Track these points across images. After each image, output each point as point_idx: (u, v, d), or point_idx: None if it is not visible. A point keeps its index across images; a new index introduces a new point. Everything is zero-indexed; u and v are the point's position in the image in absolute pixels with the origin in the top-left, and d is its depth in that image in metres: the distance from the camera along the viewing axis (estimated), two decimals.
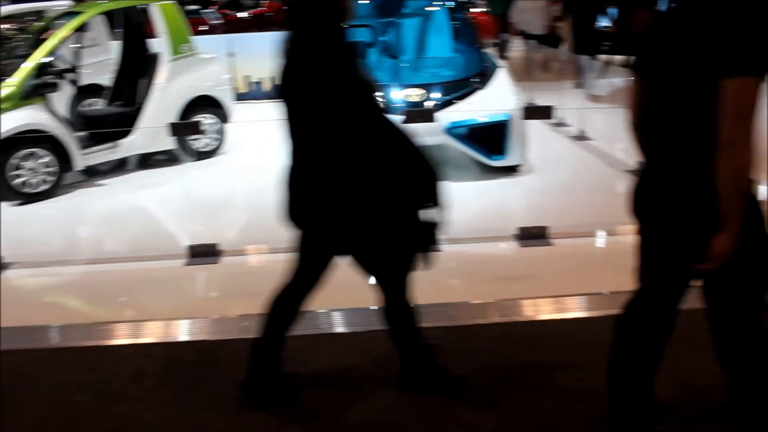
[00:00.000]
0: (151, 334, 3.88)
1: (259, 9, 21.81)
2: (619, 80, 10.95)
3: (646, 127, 2.48)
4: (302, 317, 3.11)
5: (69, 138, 6.59)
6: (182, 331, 3.91)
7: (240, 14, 21.26)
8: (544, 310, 4.04)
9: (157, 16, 7.37)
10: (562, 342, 3.64)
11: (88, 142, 6.97)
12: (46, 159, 6.42)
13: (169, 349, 3.67)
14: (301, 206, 2.82)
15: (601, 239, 5.17)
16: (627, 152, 7.34)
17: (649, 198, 2.51)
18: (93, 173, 7.27)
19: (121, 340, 3.81)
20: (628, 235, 5.26)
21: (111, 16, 8.82)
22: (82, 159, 6.72)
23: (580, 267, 4.66)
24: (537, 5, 13.04)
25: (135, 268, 4.91)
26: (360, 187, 2.68)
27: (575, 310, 4.02)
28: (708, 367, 3.27)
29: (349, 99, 2.64)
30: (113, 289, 4.60)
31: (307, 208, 2.80)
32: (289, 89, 2.74)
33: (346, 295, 4.27)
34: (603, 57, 11.53)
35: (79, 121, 7.23)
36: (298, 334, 3.74)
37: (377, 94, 2.84)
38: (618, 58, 13.42)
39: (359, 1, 8.05)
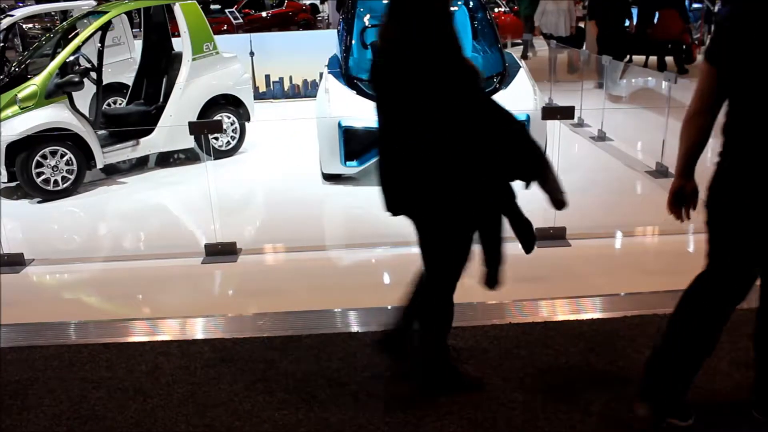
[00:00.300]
0: (168, 331, 3.92)
1: (279, 9, 21.88)
2: (639, 81, 10.86)
3: (728, 113, 2.56)
4: None
5: (91, 136, 6.67)
6: (199, 329, 3.94)
7: (262, 14, 21.35)
8: (560, 311, 4.01)
9: (180, 15, 7.43)
10: (578, 343, 3.62)
11: (110, 141, 7.05)
12: (68, 157, 6.49)
13: (185, 346, 3.70)
14: (414, 193, 2.85)
15: (619, 240, 5.13)
16: (646, 153, 7.28)
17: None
18: (114, 171, 7.35)
19: (138, 338, 3.84)
20: (646, 236, 5.27)
21: (134, 15, 8.90)
22: (103, 157, 6.79)
23: (597, 268, 4.63)
24: (562, 6, 12.95)
25: (153, 265, 4.95)
26: (471, 167, 2.76)
27: (592, 311, 4.00)
28: (725, 371, 3.25)
29: (458, 84, 2.70)
30: (131, 287, 4.64)
31: (422, 193, 2.83)
32: (391, 78, 2.76)
33: (361, 295, 4.30)
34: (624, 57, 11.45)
35: (101, 119, 7.30)
36: (314, 333, 3.77)
37: (480, 78, 2.93)
38: (637, 58, 13.35)
39: (381, 2, 8.05)
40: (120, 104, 8.58)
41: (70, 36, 7.21)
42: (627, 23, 11.93)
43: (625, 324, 3.82)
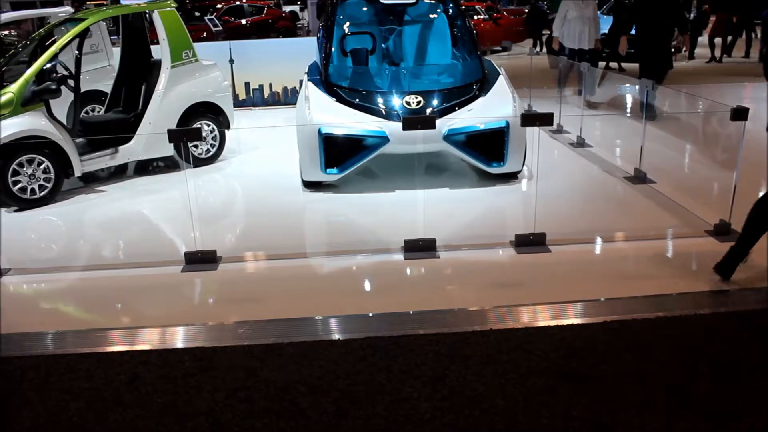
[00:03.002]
0: (148, 340, 3.88)
1: (259, 16, 21.85)
2: (617, 88, 10.98)
3: None
4: None
5: (68, 144, 6.60)
6: (179, 338, 3.91)
7: (242, 21, 21.30)
8: (541, 317, 4.04)
9: (159, 22, 7.39)
10: (559, 348, 3.63)
11: (88, 149, 6.99)
12: (45, 165, 6.42)
13: (165, 355, 3.67)
14: None
15: (598, 246, 5.17)
16: (624, 159, 7.35)
17: None
18: (92, 179, 7.28)
19: (117, 347, 3.80)
20: (626, 242, 5.31)
21: (113, 23, 8.83)
22: (81, 165, 6.73)
23: (577, 274, 4.66)
24: (587, 14, 10.70)
25: (132, 274, 4.91)
26: None
27: (572, 316, 4.02)
28: None
29: None
30: (110, 296, 4.59)
31: None
32: None
33: (342, 303, 4.30)
34: (602, 64, 11.48)
35: (78, 127, 7.23)
36: (295, 341, 3.76)
37: None
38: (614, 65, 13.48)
39: (361, 9, 8.08)
40: (98, 112, 8.51)
41: (47, 43, 7.14)
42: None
43: (605, 329, 3.85)
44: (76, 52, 7.50)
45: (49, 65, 6.62)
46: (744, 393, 3.22)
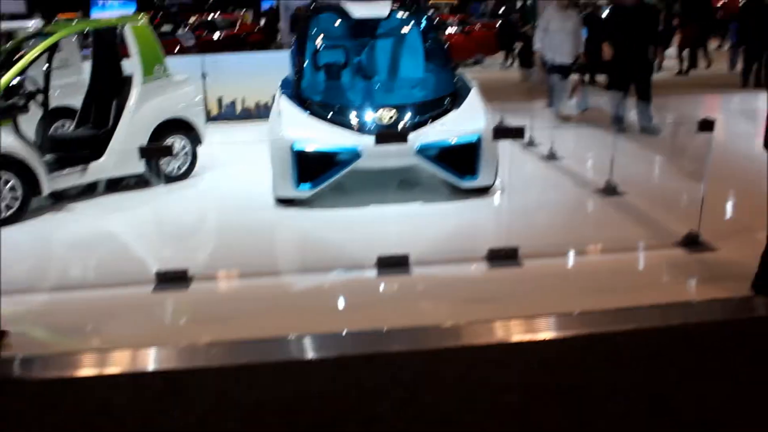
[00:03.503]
0: (117, 363, 3.81)
1: (232, 30, 21.82)
2: (589, 100, 11.09)
3: None
4: None
5: (36, 161, 6.50)
6: (149, 360, 3.84)
7: (214, 35, 21.24)
8: (514, 332, 4.04)
9: (130, 37, 7.33)
10: (532, 363, 3.64)
11: (57, 166, 6.88)
12: (13, 183, 6.32)
13: (135, 379, 3.61)
14: None
15: (571, 259, 5.20)
16: (595, 171, 7.42)
17: None
18: (61, 197, 7.18)
19: (85, 371, 3.73)
20: (598, 254, 5.35)
21: (83, 37, 8.74)
22: (49, 183, 6.63)
23: (550, 288, 4.68)
24: (568, 25, 10.24)
25: (102, 295, 4.83)
26: None
27: (545, 330, 4.03)
28: None
29: None
30: (79, 318, 4.51)
31: None
32: None
33: (316, 320, 4.27)
34: (574, 77, 11.57)
35: (47, 144, 7.13)
36: (267, 361, 3.71)
37: None
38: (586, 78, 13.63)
39: (334, 24, 8.09)
40: (68, 128, 8.40)
41: (15, 58, 7.05)
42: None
43: (579, 342, 3.86)
44: (46, 66, 7.41)
45: (16, 80, 6.53)
46: (717, 403, 3.25)
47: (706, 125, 5.13)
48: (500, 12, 25.00)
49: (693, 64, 16.18)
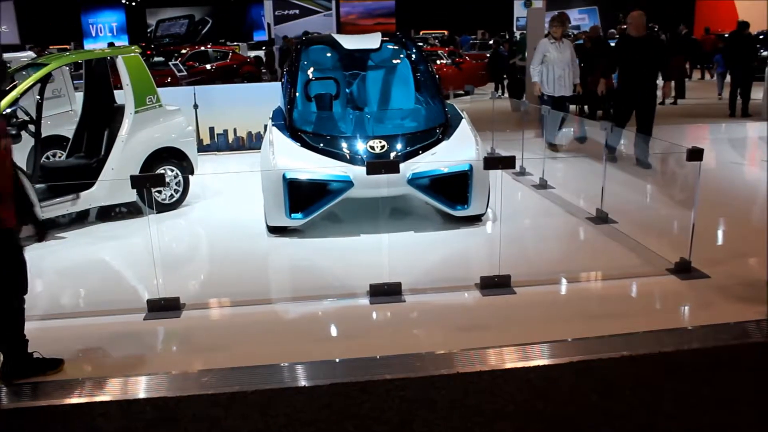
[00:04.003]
0: (108, 391, 3.78)
1: (224, 61, 21.97)
2: (578, 130, 11.20)
3: None
4: None
5: (28, 191, 6.48)
6: (140, 388, 3.81)
7: (206, 66, 21.37)
8: (507, 359, 4.03)
9: (122, 67, 7.37)
10: (526, 390, 3.63)
11: (48, 194, 6.87)
12: None
13: (126, 406, 3.58)
14: None
15: (563, 287, 5.21)
16: (586, 200, 7.47)
17: None
18: (52, 226, 7.15)
19: (75, 399, 3.69)
20: (590, 281, 5.37)
21: (76, 68, 8.77)
22: (41, 212, 6.60)
23: (542, 315, 4.68)
24: (565, 57, 10.27)
25: (93, 323, 4.79)
26: None
27: (539, 357, 4.03)
28: None
29: None
30: (70, 346, 4.46)
31: None
32: None
33: (308, 349, 4.25)
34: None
35: (39, 173, 7.12)
36: (260, 388, 3.69)
37: None
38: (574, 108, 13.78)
39: (325, 55, 8.16)
40: (59, 157, 8.40)
41: (7, 88, 7.07)
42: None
43: (572, 369, 3.87)
44: (38, 96, 7.43)
45: (9, 110, 6.55)
46: (710, 430, 3.24)
47: (695, 154, 5.19)
48: (490, 43, 25.30)
49: (681, 95, 16.42)
